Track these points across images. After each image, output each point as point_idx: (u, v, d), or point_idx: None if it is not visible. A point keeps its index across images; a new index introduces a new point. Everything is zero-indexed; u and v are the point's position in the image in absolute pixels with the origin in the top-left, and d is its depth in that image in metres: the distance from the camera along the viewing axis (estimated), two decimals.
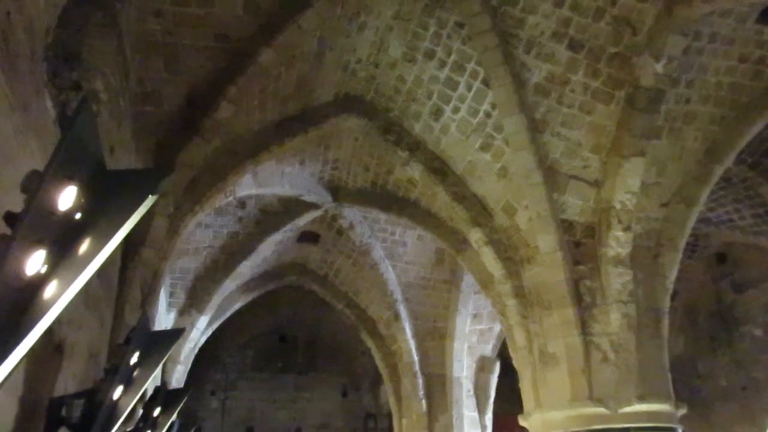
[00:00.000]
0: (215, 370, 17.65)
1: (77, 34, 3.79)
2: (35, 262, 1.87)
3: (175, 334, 4.86)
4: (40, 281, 1.92)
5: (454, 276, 12.23)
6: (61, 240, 1.98)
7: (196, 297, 10.84)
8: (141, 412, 5.15)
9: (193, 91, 6.47)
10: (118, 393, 3.63)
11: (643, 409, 6.60)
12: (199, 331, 11.22)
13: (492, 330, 12.72)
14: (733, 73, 6.99)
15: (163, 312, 9.99)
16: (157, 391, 5.39)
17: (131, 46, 5.68)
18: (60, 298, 1.93)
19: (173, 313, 10.75)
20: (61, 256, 1.98)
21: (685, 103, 7.02)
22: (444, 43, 7.08)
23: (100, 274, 4.89)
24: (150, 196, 2.10)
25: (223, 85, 6.51)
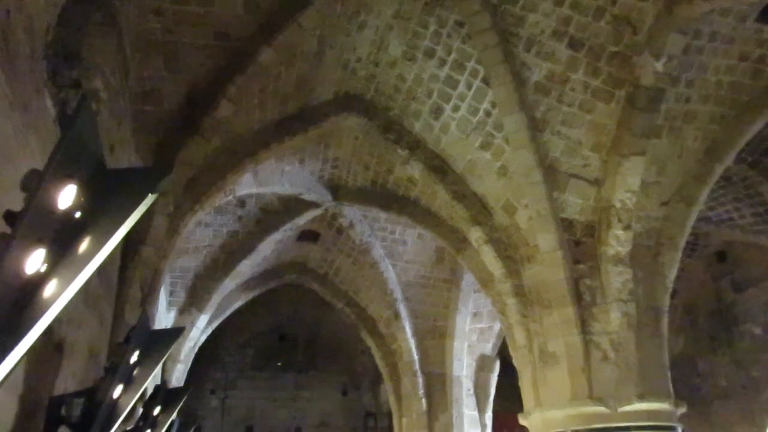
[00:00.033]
0: (215, 369, 17.66)
1: (77, 33, 3.78)
2: (35, 261, 1.87)
3: (175, 333, 4.85)
4: (40, 280, 1.91)
5: (454, 275, 12.24)
6: (61, 239, 1.98)
7: (196, 296, 10.84)
8: (141, 410, 5.15)
9: (193, 90, 6.48)
10: (118, 392, 3.63)
11: (643, 407, 6.60)
12: (199, 329, 11.23)
13: (492, 329, 12.72)
14: (733, 72, 6.99)
15: (163, 311, 9.99)
16: (157, 389, 5.38)
17: (131, 45, 5.67)
18: (60, 296, 1.92)
19: (173, 312, 10.76)
20: (61, 255, 1.98)
21: (685, 102, 7.02)
22: (444, 41, 7.08)
23: (100, 272, 4.89)
24: (150, 194, 2.10)
25: (223, 84, 6.51)
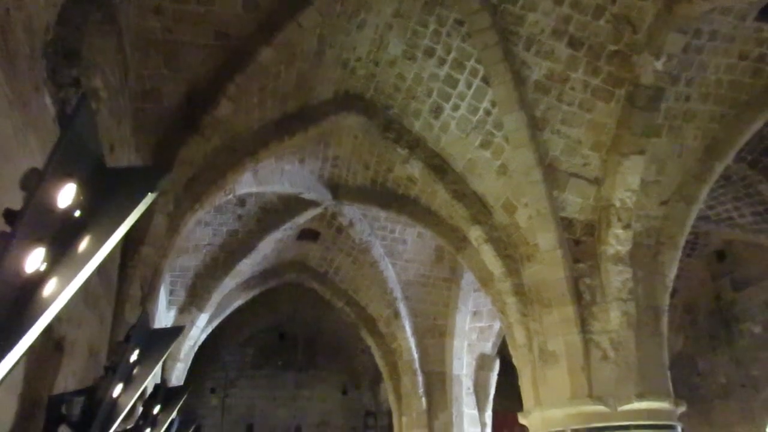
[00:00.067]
0: (215, 368, 17.67)
1: (77, 32, 3.77)
2: (35, 260, 1.87)
3: (174, 332, 4.84)
4: (40, 279, 1.91)
5: (453, 274, 12.24)
6: (61, 238, 1.98)
7: (196, 295, 10.85)
8: (141, 409, 5.14)
9: (193, 89, 6.47)
10: (117, 391, 3.63)
11: (642, 406, 6.61)
12: (198, 328, 11.23)
13: (492, 328, 12.73)
14: (732, 71, 6.99)
15: (163, 310, 9.99)
16: (157, 388, 5.37)
17: (131, 44, 5.67)
18: (59, 295, 1.92)
19: (173, 311, 10.76)
20: (61, 254, 1.98)
21: (684, 101, 7.02)
22: (444, 40, 7.07)
23: (100, 271, 4.89)
24: (149, 193, 2.10)
25: (223, 83, 6.50)
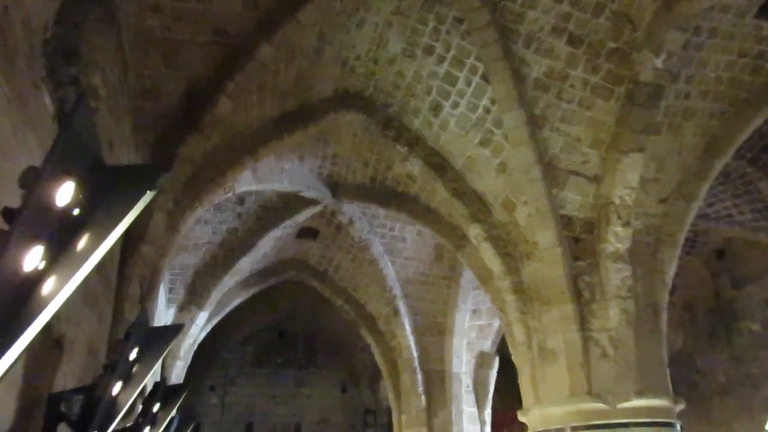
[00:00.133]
0: (215, 366, 17.67)
1: (75, 30, 3.77)
2: (33, 258, 1.86)
3: (174, 330, 4.84)
4: (38, 277, 1.91)
5: (453, 272, 12.23)
6: (60, 236, 1.97)
7: (195, 293, 10.84)
8: (140, 408, 5.14)
9: (192, 87, 6.46)
10: (117, 389, 3.62)
11: (641, 404, 6.61)
12: (198, 327, 11.23)
13: (491, 326, 12.73)
14: (732, 69, 6.99)
15: (162, 308, 9.99)
16: (156, 387, 5.37)
17: (130, 42, 5.66)
18: (58, 294, 1.92)
19: (173, 309, 10.76)
20: (60, 252, 1.98)
21: (684, 99, 7.02)
22: (443, 38, 7.06)
23: (99, 270, 4.88)
24: (148, 192, 2.10)
25: (222, 81, 6.49)
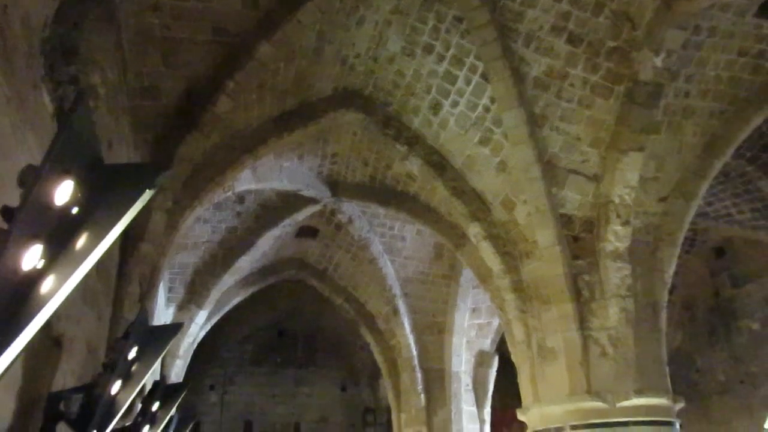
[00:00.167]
0: (214, 365, 17.66)
1: (75, 29, 3.77)
2: (32, 257, 1.86)
3: (173, 329, 4.84)
4: (37, 276, 1.91)
5: (452, 270, 12.24)
6: (58, 235, 1.97)
7: (194, 292, 10.84)
8: (140, 406, 5.15)
9: (192, 86, 6.46)
10: (116, 388, 3.62)
11: (641, 403, 6.61)
12: (197, 325, 11.23)
13: (490, 324, 12.74)
14: (732, 68, 6.98)
15: (161, 307, 9.99)
16: (155, 385, 5.37)
17: (129, 41, 5.66)
18: (57, 292, 1.92)
19: (172, 308, 10.76)
20: (58, 251, 1.97)
21: (684, 98, 7.01)
22: (443, 37, 7.06)
23: (99, 269, 4.89)
24: (147, 190, 2.10)
25: (222, 80, 6.49)
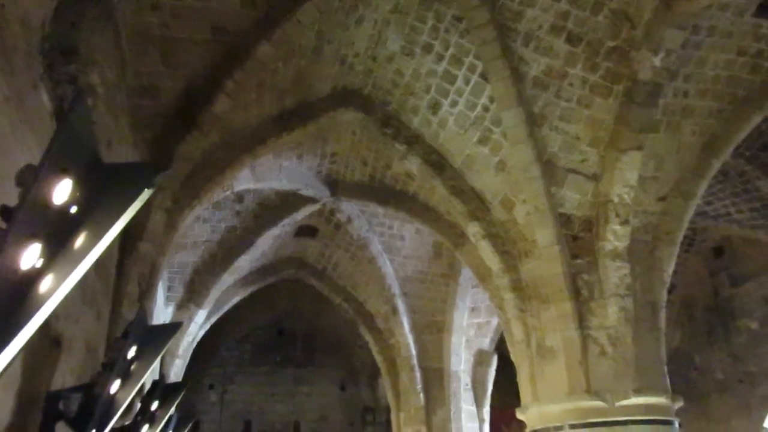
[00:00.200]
0: (214, 364, 17.66)
1: (73, 28, 3.76)
2: (30, 256, 1.86)
3: (172, 328, 4.84)
4: (36, 275, 1.91)
5: (452, 270, 12.23)
6: (57, 234, 1.97)
7: (194, 291, 10.84)
8: (139, 406, 5.15)
9: (191, 85, 6.46)
10: (115, 387, 3.63)
11: (640, 402, 6.62)
12: (197, 325, 11.23)
13: (490, 323, 12.74)
14: (730, 67, 6.98)
15: (161, 306, 9.99)
16: (155, 384, 5.37)
17: (128, 40, 5.65)
18: (56, 292, 1.92)
19: (171, 307, 10.76)
20: (57, 250, 1.98)
21: (683, 97, 7.01)
22: (442, 36, 7.06)
23: (98, 268, 4.88)
24: (146, 189, 2.10)
25: (221, 79, 6.49)
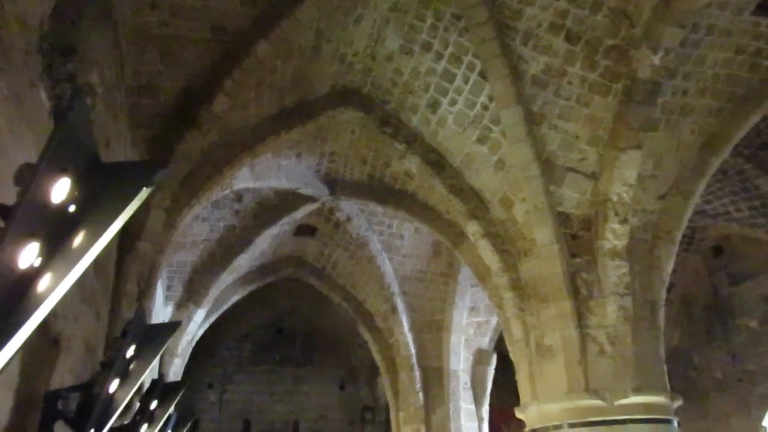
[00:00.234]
0: (213, 363, 17.67)
1: (72, 27, 3.76)
2: (29, 255, 1.86)
3: (171, 327, 4.83)
4: (34, 274, 1.91)
5: (451, 269, 12.24)
6: (55, 233, 1.97)
7: (193, 290, 10.84)
8: (138, 405, 5.14)
9: (190, 84, 6.45)
10: (114, 386, 3.62)
11: (639, 401, 6.62)
12: (196, 324, 11.24)
13: (489, 323, 12.74)
14: (729, 65, 6.98)
15: (160, 305, 9.98)
16: (154, 384, 5.37)
17: (127, 39, 5.65)
18: (54, 291, 1.92)
19: (170, 307, 10.76)
20: (55, 249, 1.97)
21: (682, 96, 7.01)
22: (441, 35, 7.05)
23: (97, 267, 4.88)
24: (144, 188, 2.09)
25: (220, 78, 6.48)
